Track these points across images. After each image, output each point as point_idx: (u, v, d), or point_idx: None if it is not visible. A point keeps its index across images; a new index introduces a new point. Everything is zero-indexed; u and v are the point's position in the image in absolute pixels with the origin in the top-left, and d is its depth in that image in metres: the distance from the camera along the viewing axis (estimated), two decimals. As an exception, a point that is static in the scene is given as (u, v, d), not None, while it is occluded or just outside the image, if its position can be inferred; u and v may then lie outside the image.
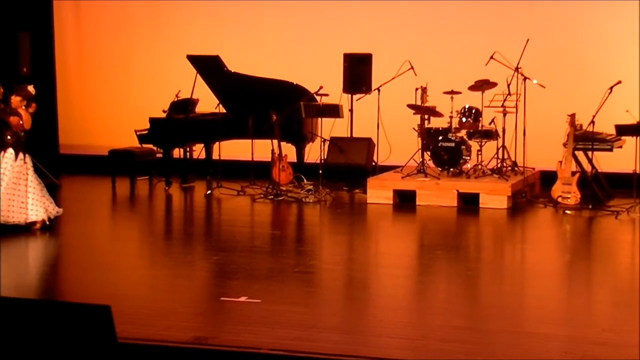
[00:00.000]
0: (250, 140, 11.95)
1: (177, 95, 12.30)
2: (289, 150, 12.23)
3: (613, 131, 10.85)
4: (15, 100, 9.41)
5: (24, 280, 7.80)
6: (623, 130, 10.70)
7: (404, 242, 9.66)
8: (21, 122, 9.36)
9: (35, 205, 9.41)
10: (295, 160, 12.34)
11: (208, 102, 12.36)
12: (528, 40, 11.30)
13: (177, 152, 12.66)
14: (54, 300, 7.02)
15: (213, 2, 13.56)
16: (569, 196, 10.72)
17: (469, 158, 11.56)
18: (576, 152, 10.99)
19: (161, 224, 10.88)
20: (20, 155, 9.39)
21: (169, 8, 13.75)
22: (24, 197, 9.37)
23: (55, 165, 13.06)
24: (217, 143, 12.38)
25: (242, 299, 6.98)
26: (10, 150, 9.37)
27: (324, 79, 11.77)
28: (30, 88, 9.56)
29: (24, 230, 9.37)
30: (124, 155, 12.68)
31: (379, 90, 11.93)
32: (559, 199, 10.78)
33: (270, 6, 13.33)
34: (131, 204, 11.94)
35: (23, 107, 9.42)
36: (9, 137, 9.35)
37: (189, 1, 13.64)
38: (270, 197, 11.48)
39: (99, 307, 4.66)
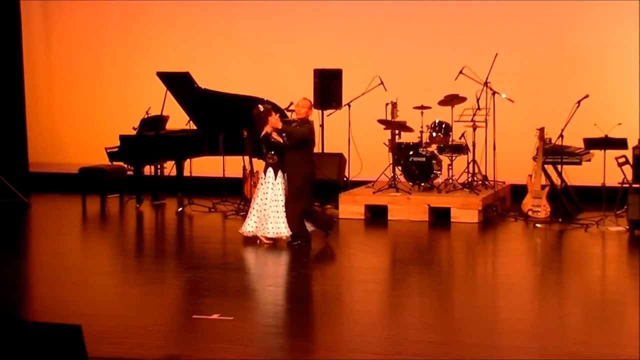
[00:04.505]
0: (221, 157, 11.94)
1: (147, 112, 12.27)
2: (261, 167, 12.21)
3: (582, 145, 10.94)
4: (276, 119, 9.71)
5: None
6: (591, 143, 10.80)
7: (376, 256, 9.67)
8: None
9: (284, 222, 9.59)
10: (266, 177, 12.32)
11: (179, 119, 12.34)
12: (497, 55, 11.39)
13: (148, 170, 12.62)
14: (23, 320, 6.95)
15: (184, 19, 13.57)
16: (539, 210, 10.79)
17: (439, 172, 11.61)
18: (546, 166, 11.08)
19: (132, 242, 10.83)
20: (279, 172, 9.63)
21: (139, 25, 13.74)
22: (282, 213, 9.56)
23: (24, 184, 12.97)
24: (188, 160, 12.36)
25: (215, 316, 6.95)
26: (270, 169, 9.62)
27: (294, 95, 11.77)
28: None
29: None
30: (94, 173, 12.63)
31: (349, 106, 11.97)
32: (530, 213, 10.85)
33: (241, 23, 13.35)
34: (102, 221, 11.88)
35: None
36: (271, 158, 9.68)
37: (159, 18, 13.64)
38: (242, 213, 11.45)
39: (69, 327, 4.62)
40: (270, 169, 9.66)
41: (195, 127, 12.18)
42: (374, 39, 12.91)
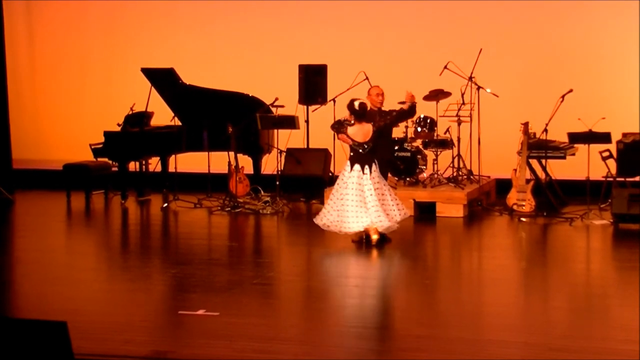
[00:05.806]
0: (206, 153, 11.92)
1: (131, 109, 12.24)
2: (246, 162, 12.22)
3: (566, 139, 10.98)
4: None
5: None
6: (575, 138, 10.83)
7: (362, 252, 9.67)
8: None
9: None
10: (252, 172, 12.33)
11: (163, 115, 12.31)
12: (481, 50, 11.41)
13: (133, 166, 12.58)
14: (8, 316, 6.93)
15: (168, 15, 13.53)
16: (524, 204, 10.82)
17: (425, 167, 11.62)
18: (530, 160, 11.11)
19: (118, 238, 10.80)
20: (374, 167, 9.40)
21: (123, 20, 13.69)
22: (393, 201, 9.48)
23: (8, 181, 12.91)
24: (174, 156, 12.33)
25: (201, 312, 6.95)
26: (376, 162, 9.40)
27: (279, 91, 11.78)
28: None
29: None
30: (79, 170, 12.58)
31: (334, 101, 11.97)
32: (514, 207, 10.88)
33: (225, 18, 13.33)
34: (87, 218, 11.84)
35: None
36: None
37: (144, 14, 13.59)
38: (227, 209, 11.45)
39: (55, 324, 4.62)
40: (376, 163, 9.42)
41: (180, 123, 12.15)
42: (359, 34, 12.90)
